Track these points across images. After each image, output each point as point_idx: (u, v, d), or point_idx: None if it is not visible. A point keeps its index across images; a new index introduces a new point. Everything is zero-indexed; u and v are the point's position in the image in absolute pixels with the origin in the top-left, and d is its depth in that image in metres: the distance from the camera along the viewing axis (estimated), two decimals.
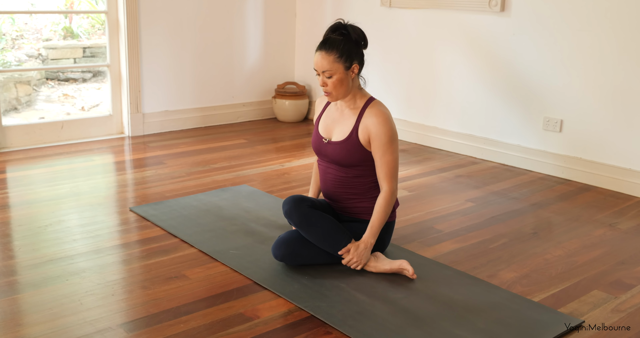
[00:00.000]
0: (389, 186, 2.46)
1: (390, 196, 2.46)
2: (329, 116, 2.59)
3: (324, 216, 2.45)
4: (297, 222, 2.44)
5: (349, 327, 2.11)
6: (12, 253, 2.63)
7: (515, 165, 4.11)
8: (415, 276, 2.43)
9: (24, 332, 2.04)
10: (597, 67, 3.66)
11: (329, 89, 2.44)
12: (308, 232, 2.44)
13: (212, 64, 4.98)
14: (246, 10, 5.07)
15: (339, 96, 2.47)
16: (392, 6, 4.60)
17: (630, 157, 3.61)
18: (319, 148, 2.58)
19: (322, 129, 2.59)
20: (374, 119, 2.43)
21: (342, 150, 2.49)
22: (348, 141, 2.47)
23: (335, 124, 2.55)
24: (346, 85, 2.44)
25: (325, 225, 2.43)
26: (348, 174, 2.53)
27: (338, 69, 2.40)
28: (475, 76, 4.24)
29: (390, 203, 2.47)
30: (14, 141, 4.23)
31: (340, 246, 2.44)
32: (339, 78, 2.41)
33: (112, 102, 4.64)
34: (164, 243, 2.76)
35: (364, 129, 2.45)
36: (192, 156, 4.15)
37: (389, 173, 2.45)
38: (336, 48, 2.40)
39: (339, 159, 2.51)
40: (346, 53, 2.40)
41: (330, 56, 2.40)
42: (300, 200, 2.46)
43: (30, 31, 6.75)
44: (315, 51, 2.46)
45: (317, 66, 2.43)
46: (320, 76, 2.44)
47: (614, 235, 3.02)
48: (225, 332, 2.07)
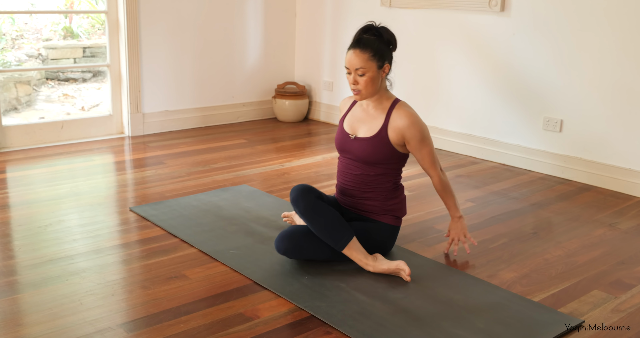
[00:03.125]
0: (435, 172, 2.60)
1: (442, 179, 2.62)
2: (354, 116, 2.64)
3: (329, 208, 2.47)
4: (303, 210, 2.45)
5: (349, 327, 2.11)
6: (12, 253, 2.63)
7: (515, 165, 4.11)
8: (409, 279, 2.43)
9: (24, 332, 2.04)
10: (597, 67, 3.66)
11: (360, 88, 2.48)
12: (312, 221, 2.45)
13: (212, 64, 4.98)
14: (246, 10, 5.07)
15: (368, 95, 2.52)
16: (392, 6, 4.60)
17: (630, 157, 3.61)
18: (344, 145, 2.62)
19: (348, 126, 2.63)
20: (405, 120, 2.49)
21: (369, 146, 2.53)
22: (377, 137, 2.52)
23: (360, 123, 2.60)
24: (376, 84, 2.50)
25: (330, 217, 2.45)
26: (370, 172, 2.57)
27: (371, 68, 2.46)
28: (475, 76, 4.25)
29: (445, 183, 2.62)
30: (14, 141, 4.23)
31: (342, 240, 2.45)
32: (371, 76, 2.47)
33: (112, 102, 4.64)
34: (164, 243, 2.76)
35: (394, 130, 2.51)
36: (192, 156, 4.15)
37: (431, 162, 2.58)
38: (370, 47, 2.46)
39: (365, 155, 2.55)
40: (379, 52, 2.47)
41: (364, 54, 2.45)
42: (308, 189, 2.50)
43: (30, 31, 6.76)
44: (348, 49, 2.51)
45: (350, 64, 2.48)
46: (352, 74, 2.48)
47: (614, 235, 3.02)
48: (225, 332, 2.07)
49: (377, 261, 2.49)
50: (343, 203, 2.67)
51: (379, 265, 2.47)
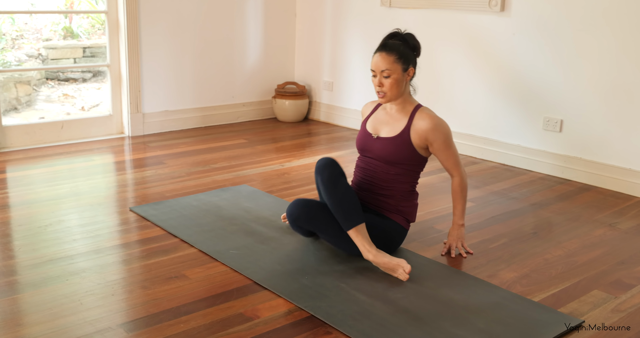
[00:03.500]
0: (458, 172, 2.68)
1: (463, 180, 2.69)
2: (377, 118, 2.72)
3: (350, 188, 2.53)
4: (326, 178, 2.50)
5: (349, 327, 2.11)
6: (12, 253, 2.63)
7: (515, 165, 4.11)
8: (407, 277, 2.43)
9: (24, 332, 2.04)
10: (597, 67, 3.66)
11: (385, 90, 2.56)
12: (331, 192, 2.49)
13: (212, 64, 4.98)
14: (246, 10, 5.07)
15: (392, 97, 2.59)
16: (392, 6, 4.60)
17: (630, 157, 3.61)
18: (365, 145, 2.69)
19: (371, 127, 2.72)
20: (429, 123, 2.57)
21: (391, 145, 2.60)
22: (399, 138, 2.60)
23: (383, 124, 2.68)
24: (401, 87, 2.58)
25: (349, 195, 2.50)
26: (389, 171, 2.63)
27: (396, 70, 2.54)
28: (475, 76, 4.25)
29: (466, 186, 2.70)
30: (14, 141, 4.23)
31: (353, 221, 2.47)
32: (396, 79, 2.55)
33: (112, 102, 4.64)
34: (164, 243, 2.76)
35: (417, 132, 2.59)
36: (192, 156, 4.15)
37: (454, 162, 2.66)
38: (396, 50, 2.54)
39: (386, 154, 2.61)
40: (404, 56, 2.56)
41: (390, 57, 2.53)
42: (336, 164, 2.58)
43: (30, 31, 6.76)
44: (374, 53, 2.59)
45: (376, 66, 2.56)
46: (378, 76, 2.56)
47: (614, 235, 3.02)
48: (225, 332, 2.07)
49: (379, 252, 2.50)
50: (359, 197, 2.71)
51: (380, 256, 2.48)
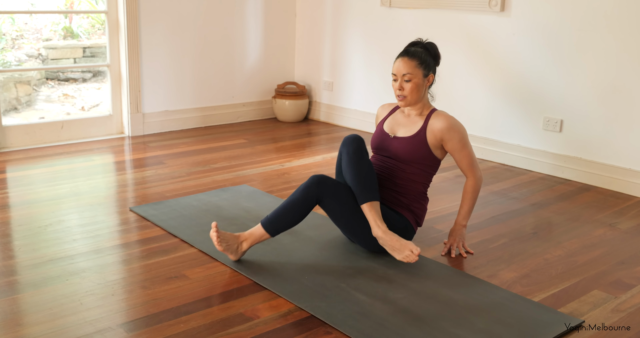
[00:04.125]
0: (473, 174, 2.71)
1: (476, 183, 2.71)
2: (395, 120, 2.78)
3: (372, 167, 2.59)
4: (353, 150, 2.56)
5: (349, 327, 2.11)
6: (12, 253, 2.63)
7: (515, 165, 4.11)
8: (415, 260, 2.44)
9: (24, 332, 2.04)
10: (597, 67, 3.66)
11: (405, 93, 2.64)
12: (356, 164, 2.55)
13: (212, 64, 4.98)
14: (246, 10, 5.07)
15: (412, 101, 2.66)
16: (392, 6, 4.60)
17: (630, 157, 3.61)
18: (382, 143, 2.75)
19: (388, 127, 2.78)
20: (444, 123, 2.63)
21: (408, 145, 2.67)
22: (416, 137, 2.66)
23: (400, 126, 2.75)
24: (421, 92, 2.66)
25: (371, 171, 2.57)
26: (405, 170, 2.68)
27: (417, 75, 2.63)
28: (475, 76, 4.25)
29: (478, 188, 2.72)
30: (14, 141, 4.23)
31: (368, 196, 2.51)
32: (417, 83, 2.63)
33: (112, 102, 4.64)
34: (164, 243, 2.76)
35: (433, 132, 2.65)
36: (192, 156, 4.15)
37: (470, 163, 2.69)
38: (418, 56, 2.64)
39: (403, 153, 2.67)
40: (425, 62, 2.65)
41: (412, 62, 2.62)
42: (363, 141, 2.62)
43: (30, 31, 6.76)
44: (396, 58, 2.66)
45: (398, 71, 2.64)
46: (398, 80, 2.64)
47: (614, 235, 3.02)
48: (225, 332, 2.07)
49: (389, 230, 2.51)
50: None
51: (390, 234, 2.49)
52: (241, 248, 2.54)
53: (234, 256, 2.54)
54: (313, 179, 2.52)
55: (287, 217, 2.52)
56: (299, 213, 2.53)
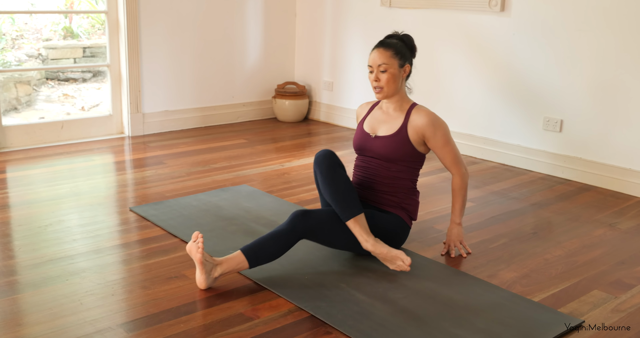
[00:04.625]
0: (458, 170, 2.67)
1: (462, 179, 2.67)
2: (374, 118, 2.73)
3: (349, 180, 2.53)
4: (325, 170, 2.51)
5: (349, 327, 2.11)
6: (12, 253, 2.63)
7: (515, 165, 4.11)
8: (409, 269, 2.45)
9: (24, 332, 2.04)
10: (597, 67, 3.66)
11: (382, 84, 2.59)
12: (329, 184, 2.49)
13: (212, 64, 4.98)
14: (246, 10, 5.07)
15: (389, 92, 2.61)
16: (392, 6, 4.60)
17: (630, 157, 3.61)
18: (364, 144, 2.70)
19: (368, 127, 2.73)
20: (425, 119, 2.60)
21: (391, 143, 2.62)
22: (398, 135, 2.62)
23: (380, 123, 2.69)
24: (397, 82, 2.61)
25: (348, 186, 2.51)
26: (390, 169, 2.64)
27: (393, 65, 2.58)
28: (475, 76, 4.25)
29: (465, 185, 2.69)
30: (14, 141, 4.23)
31: (351, 212, 2.46)
32: (392, 73, 2.58)
33: (112, 102, 4.64)
34: (164, 243, 2.76)
35: (414, 128, 2.61)
36: (192, 156, 4.15)
37: (454, 159, 2.66)
38: (393, 47, 2.60)
39: (386, 152, 2.63)
40: (401, 53, 2.61)
41: (387, 52, 2.58)
42: (335, 155, 2.58)
43: (30, 31, 6.75)
44: (372, 50, 2.63)
45: (373, 61, 2.60)
46: (374, 72, 2.60)
47: (614, 235, 3.02)
48: (225, 332, 2.07)
49: (378, 242, 2.50)
50: (360, 195, 2.71)
51: (379, 246, 2.49)
52: (214, 272, 2.32)
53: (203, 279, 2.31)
54: (297, 213, 2.43)
55: (270, 247, 2.37)
56: (282, 245, 2.39)
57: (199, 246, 2.26)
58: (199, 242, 2.27)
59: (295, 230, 2.41)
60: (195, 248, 2.27)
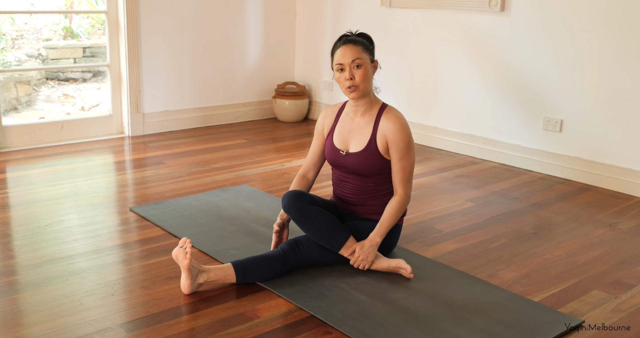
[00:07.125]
0: (404, 190, 2.50)
1: (404, 201, 2.50)
2: (344, 127, 2.59)
3: (322, 212, 2.45)
4: (296, 216, 2.44)
5: (349, 327, 2.11)
6: (12, 253, 2.63)
7: (515, 165, 4.11)
8: (412, 276, 2.44)
9: (24, 332, 2.04)
10: (597, 67, 3.66)
11: (357, 82, 2.44)
12: (306, 227, 2.44)
13: (212, 64, 4.98)
14: (246, 11, 5.07)
15: (364, 90, 2.47)
16: (392, 6, 4.60)
17: (630, 157, 3.61)
18: (336, 160, 2.58)
19: (338, 141, 2.58)
20: (392, 124, 2.47)
21: (362, 160, 2.51)
22: (367, 151, 2.50)
23: (351, 134, 2.56)
24: (371, 79, 2.50)
25: (324, 221, 2.43)
26: (367, 183, 2.55)
27: (366, 60, 2.46)
28: (475, 76, 4.25)
29: (403, 207, 2.51)
30: (14, 141, 4.23)
31: (338, 242, 2.44)
32: (367, 68, 2.46)
33: (112, 102, 4.64)
34: (164, 243, 2.76)
35: (381, 136, 2.49)
36: (192, 156, 4.15)
37: (404, 178, 2.50)
38: (361, 42, 2.47)
39: (359, 170, 2.53)
40: (368, 48, 2.50)
41: (358, 47, 2.45)
42: (300, 195, 2.46)
43: (30, 31, 6.75)
44: (338, 47, 2.48)
45: (346, 57, 2.43)
46: (346, 70, 2.44)
47: (614, 235, 3.02)
48: (225, 332, 2.07)
49: (376, 258, 2.49)
50: (342, 208, 2.67)
51: (378, 263, 2.47)
52: (199, 278, 2.29)
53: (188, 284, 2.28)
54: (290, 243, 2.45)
55: (259, 268, 2.37)
56: (272, 271, 2.39)
57: (187, 251, 2.23)
58: (187, 248, 2.24)
59: (287, 263, 2.43)
60: (182, 254, 2.23)
